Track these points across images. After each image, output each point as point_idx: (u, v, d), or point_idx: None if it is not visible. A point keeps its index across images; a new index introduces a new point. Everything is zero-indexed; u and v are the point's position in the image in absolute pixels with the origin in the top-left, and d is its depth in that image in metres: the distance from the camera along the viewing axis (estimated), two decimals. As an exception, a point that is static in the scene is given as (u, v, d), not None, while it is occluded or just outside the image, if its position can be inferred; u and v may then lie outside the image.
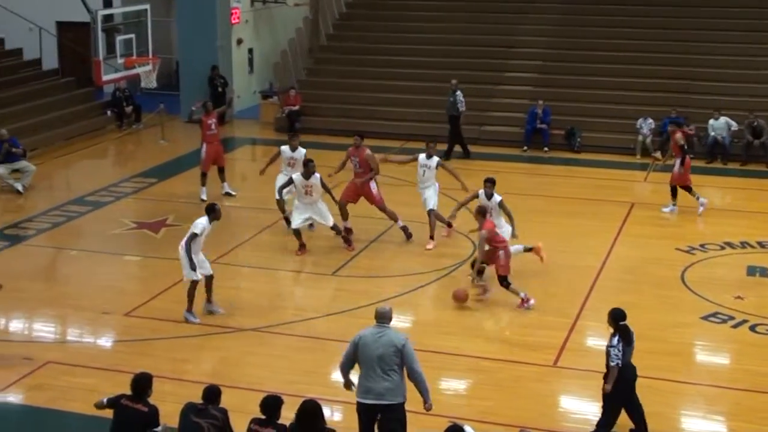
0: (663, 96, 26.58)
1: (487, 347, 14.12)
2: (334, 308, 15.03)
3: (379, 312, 10.38)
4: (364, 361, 10.19)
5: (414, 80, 28.05)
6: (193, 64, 28.95)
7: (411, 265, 17.18)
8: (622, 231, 19.20)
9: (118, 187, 22.18)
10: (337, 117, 27.84)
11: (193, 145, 25.10)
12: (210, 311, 14.97)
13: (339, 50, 30.71)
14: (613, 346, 10.79)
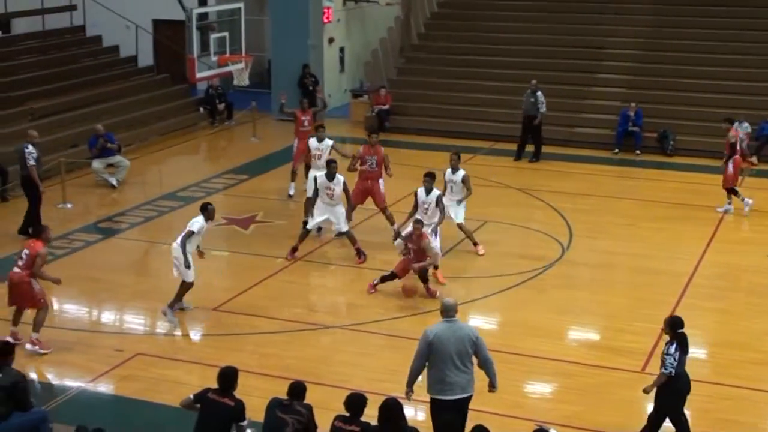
0: (760, 99, 26.00)
1: (573, 351, 14.00)
2: (421, 308, 15.02)
3: (447, 305, 10.34)
4: (443, 356, 10.15)
5: (505, 81, 27.88)
6: (285, 62, 29.20)
7: (497, 267, 17.08)
8: (714, 237, 18.84)
9: (209, 183, 22.49)
10: (426, 117, 27.82)
11: (284, 142, 25.35)
12: (181, 308, 14.81)
13: (430, 50, 30.67)
14: (670, 354, 10.62)
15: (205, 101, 28.99)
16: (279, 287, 16.23)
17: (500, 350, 13.62)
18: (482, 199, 20.38)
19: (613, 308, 15.31)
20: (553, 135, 25.81)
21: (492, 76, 28.64)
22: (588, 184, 21.64)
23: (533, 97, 24.57)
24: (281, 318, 14.99)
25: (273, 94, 29.62)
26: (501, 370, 12.74)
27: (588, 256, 17.79)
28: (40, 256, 13.53)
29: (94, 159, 22.19)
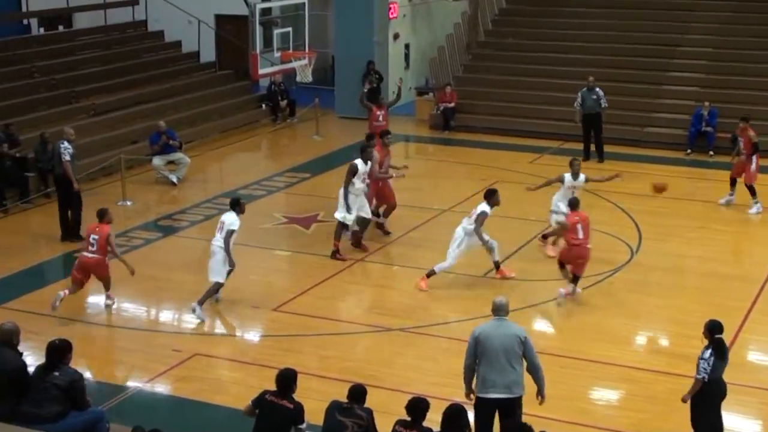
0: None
1: (641, 357, 13.86)
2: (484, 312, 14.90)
3: (497, 304, 10.44)
4: (487, 354, 10.17)
5: (574, 78, 27.57)
6: (349, 58, 29.27)
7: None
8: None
9: (270, 181, 22.61)
10: (492, 115, 27.69)
11: (347, 140, 25.45)
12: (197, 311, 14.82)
13: (497, 47, 30.54)
14: (704, 358, 10.45)
15: (268, 98, 29.17)
16: (340, 288, 16.27)
17: (566, 355, 13.56)
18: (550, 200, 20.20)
19: (683, 314, 15.10)
20: (624, 135, 25.57)
21: (560, 73, 28.41)
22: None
23: (594, 93, 24.34)
24: (342, 319, 15.05)
25: (337, 91, 29.75)
26: (567, 375, 12.76)
27: (658, 259, 17.58)
28: (111, 236, 14.67)
29: (155, 156, 22.43)
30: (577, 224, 15.37)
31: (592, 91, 24.39)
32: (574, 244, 15.35)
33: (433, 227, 19.20)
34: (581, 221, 15.44)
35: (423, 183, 21.32)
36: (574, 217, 15.56)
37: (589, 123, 24.46)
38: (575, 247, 15.36)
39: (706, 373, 10.43)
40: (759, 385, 12.88)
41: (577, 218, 15.49)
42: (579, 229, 15.33)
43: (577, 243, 15.34)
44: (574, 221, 15.47)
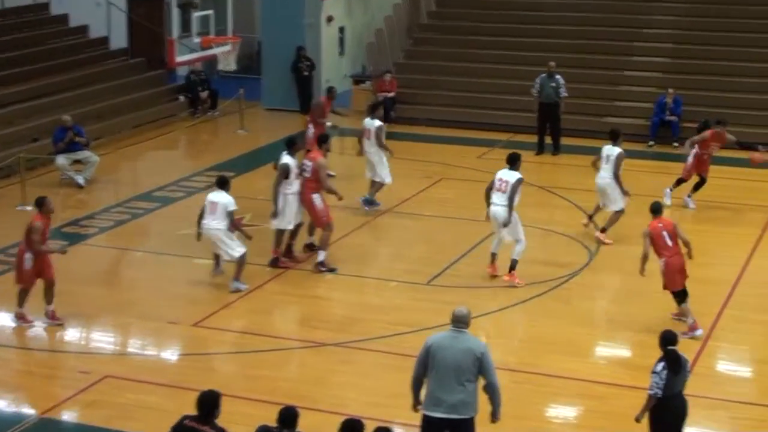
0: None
1: (602, 370, 14.00)
2: (429, 322, 14.99)
3: (457, 315, 10.41)
4: (437, 369, 10.21)
5: (527, 64, 27.78)
6: (277, 44, 29.21)
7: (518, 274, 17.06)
8: (762, 239, 18.82)
9: (190, 181, 22.50)
10: (436, 105, 27.81)
11: (275, 134, 25.38)
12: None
13: (441, 30, 30.66)
14: (656, 372, 10.59)
15: (186, 89, 29.03)
16: (269, 300, 16.25)
17: (520, 369, 13.67)
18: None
19: (647, 321, 15.23)
20: (581, 125, 25.81)
21: (512, 59, 28.61)
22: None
23: (553, 81, 24.54)
24: (271, 335, 15.01)
25: (264, 81, 29.68)
26: (521, 391, 12.86)
27: (619, 262, 17.75)
28: (35, 230, 14.78)
29: (59, 154, 22.18)
30: (661, 232, 14.67)
31: (552, 78, 24.59)
32: (668, 256, 14.59)
33: (372, 230, 19.21)
34: (666, 228, 14.75)
35: (360, 182, 21.32)
36: (656, 224, 14.84)
37: (545, 113, 24.65)
38: (671, 259, 14.61)
39: (659, 388, 10.53)
40: (729, 398, 13.07)
41: (660, 225, 14.82)
42: (666, 237, 14.65)
43: (671, 254, 14.62)
44: (657, 230, 14.73)
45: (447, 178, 22.43)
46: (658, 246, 14.66)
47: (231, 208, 16.10)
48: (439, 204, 20.59)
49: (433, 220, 19.65)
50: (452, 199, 21.12)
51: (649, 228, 14.70)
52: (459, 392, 10.19)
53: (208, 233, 16.20)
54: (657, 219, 14.86)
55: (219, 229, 16.05)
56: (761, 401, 12.96)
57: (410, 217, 20.01)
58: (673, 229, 14.72)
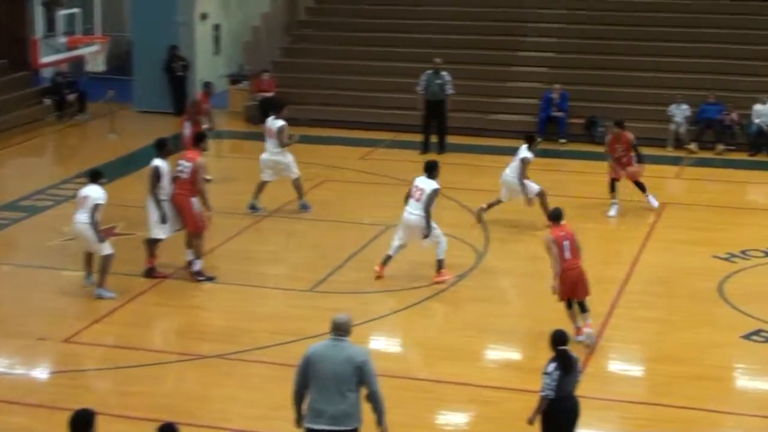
0: (700, 78, 26.65)
1: (493, 374, 14.19)
2: (313, 330, 15.00)
3: (336, 322, 10.39)
4: (317, 379, 10.22)
5: (411, 61, 27.97)
6: (149, 43, 28.96)
7: (403, 279, 17.18)
8: (651, 236, 19.25)
9: (58, 189, 22.20)
10: (317, 105, 27.85)
11: (147, 138, 25.08)
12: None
13: (320, 26, 30.71)
14: (548, 373, 10.76)
15: (52, 91, 28.61)
16: (145, 312, 16.10)
17: (408, 376, 13.77)
18: (384, 199, 20.48)
19: (536, 323, 15.44)
20: (466, 123, 26.07)
21: (395, 55, 28.79)
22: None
23: (439, 78, 24.76)
24: (148, 348, 14.88)
25: (135, 82, 29.39)
26: (409, 399, 12.95)
27: (508, 263, 18.02)
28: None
29: None
30: (563, 241, 14.42)
31: (438, 75, 24.80)
32: (564, 269, 14.35)
33: (252, 235, 19.16)
34: (567, 237, 14.51)
35: (239, 186, 21.27)
36: (559, 233, 14.58)
37: (431, 111, 24.84)
38: (567, 273, 14.38)
39: (551, 389, 10.71)
40: (620, 398, 13.35)
41: (562, 233, 14.56)
42: (566, 248, 14.39)
43: (568, 267, 14.38)
44: (560, 239, 14.45)
45: (329, 180, 22.48)
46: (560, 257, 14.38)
47: (98, 201, 16.05)
48: (322, 207, 20.62)
49: (316, 223, 19.67)
50: (335, 202, 21.17)
51: (553, 235, 14.47)
52: (341, 403, 10.20)
53: (74, 228, 16.17)
54: (558, 227, 14.64)
55: (86, 224, 15.95)
56: (653, 400, 13.25)
57: (292, 221, 20.01)
58: (573, 238, 14.53)
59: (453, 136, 25.15)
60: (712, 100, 25.45)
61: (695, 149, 25.05)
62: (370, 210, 19.75)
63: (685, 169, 23.98)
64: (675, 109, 25.49)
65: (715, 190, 22.55)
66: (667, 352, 14.64)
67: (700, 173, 23.76)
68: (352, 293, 16.65)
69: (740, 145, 25.11)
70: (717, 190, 22.53)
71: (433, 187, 16.58)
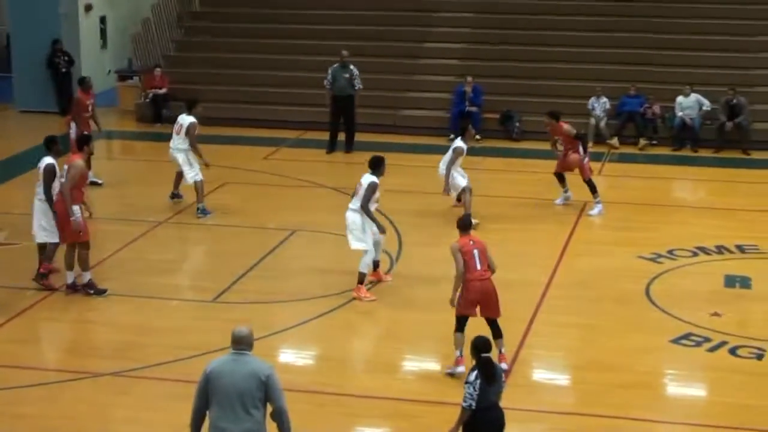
0: (620, 69, 27.08)
1: (409, 386, 14.19)
2: (217, 343, 14.92)
3: (236, 335, 10.28)
4: (219, 397, 10.13)
5: (314, 53, 28.04)
6: (29, 37, 28.62)
7: (311, 286, 17.18)
8: (572, 237, 19.47)
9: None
10: (215, 102, 27.67)
11: (31, 140, 24.80)
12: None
13: (216, 17, 30.61)
14: (469, 382, 10.84)
15: (-75, 91, 28.17)
16: (32, 327, 15.90)
17: (321, 390, 13.77)
18: (289, 202, 20.49)
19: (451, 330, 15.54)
20: (374, 120, 26.17)
21: (297, 48, 28.78)
22: (419, 180, 21.96)
23: (347, 71, 24.80)
24: (38, 367, 14.69)
25: (15, 78, 28.99)
26: (324, 415, 12.98)
27: (422, 268, 18.07)
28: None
29: None
30: (472, 250, 14.15)
31: (345, 69, 24.83)
32: (472, 279, 14.06)
33: (149, 243, 19.02)
34: (477, 246, 14.26)
35: (132, 190, 21.10)
36: (467, 241, 14.35)
37: (338, 107, 24.85)
38: (475, 283, 14.09)
39: (473, 399, 10.76)
40: (546, 408, 13.46)
41: (471, 243, 14.31)
42: (476, 258, 14.14)
43: (476, 277, 14.10)
44: (467, 247, 14.20)
45: (230, 183, 22.38)
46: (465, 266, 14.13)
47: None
48: (223, 211, 20.52)
49: (217, 229, 19.57)
50: (237, 206, 21.08)
51: (459, 243, 14.28)
52: (245, 421, 10.11)
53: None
54: (466, 236, 14.43)
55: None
56: (580, 410, 13.40)
57: (191, 227, 19.90)
58: (484, 248, 14.30)
59: (360, 133, 25.21)
60: (632, 92, 25.84)
61: (616, 144, 25.42)
62: (275, 214, 19.67)
63: (606, 165, 24.30)
64: (594, 102, 25.83)
65: (638, 186, 22.88)
66: (594, 358, 14.81)
67: (621, 169, 24.11)
68: (259, 303, 16.60)
69: (663, 139, 25.56)
70: (640, 186, 22.87)
71: (370, 180, 16.73)
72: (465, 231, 14.48)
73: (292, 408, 10.28)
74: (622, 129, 25.71)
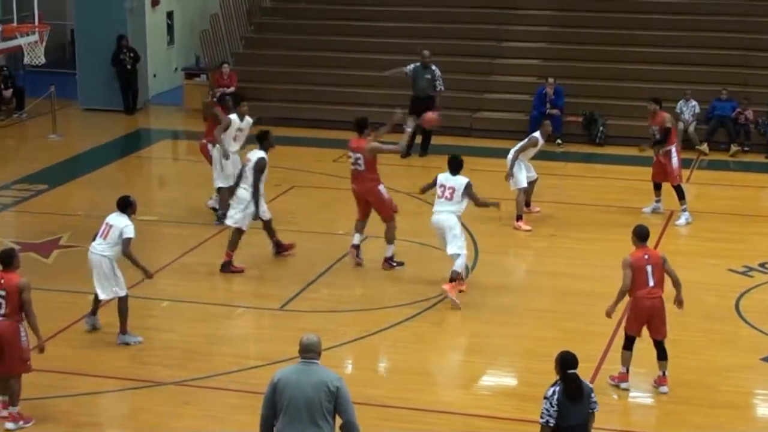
0: (712, 71, 26.81)
1: (483, 402, 14.17)
2: (283, 353, 15.00)
3: (305, 344, 10.33)
4: (287, 407, 10.16)
5: (388, 52, 28.04)
6: (94, 33, 28.89)
7: (383, 295, 17.20)
8: (658, 247, 19.26)
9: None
10: (284, 102, 27.85)
11: (95, 139, 25.14)
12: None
13: (287, 13, 30.73)
14: (547, 398, 10.72)
15: (-14, 87, 28.55)
16: (94, 332, 16.02)
17: (389, 404, 13.77)
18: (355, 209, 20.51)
19: (533, 344, 15.53)
20: (450, 122, 26.04)
21: (370, 46, 28.81)
22: (496, 185, 21.89)
23: (428, 72, 24.81)
24: (99, 374, 14.81)
25: (79, 75, 29.30)
26: (387, 429, 12.97)
27: (499, 277, 18.04)
28: (27, 289, 13.38)
29: None
30: (645, 266, 13.93)
31: (428, 69, 24.84)
32: (641, 296, 13.90)
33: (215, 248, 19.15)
34: (651, 262, 13.99)
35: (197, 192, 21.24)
36: (641, 255, 14.07)
37: (418, 108, 24.81)
38: (644, 301, 13.95)
39: (550, 416, 10.63)
40: (630, 428, 13.40)
41: (645, 257, 14.04)
42: (648, 273, 13.93)
43: (645, 295, 13.92)
44: (640, 263, 13.97)
45: (298, 186, 22.48)
46: (635, 281, 13.93)
47: (129, 235, 15.26)
48: (291, 216, 20.60)
49: (285, 234, 19.63)
50: (305, 210, 21.16)
51: (632, 258, 13.98)
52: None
53: (90, 258, 15.53)
54: (642, 248, 14.14)
55: (105, 257, 15.37)
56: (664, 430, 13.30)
57: (259, 231, 19.96)
58: (660, 262, 14.02)
59: (436, 136, 25.18)
60: (724, 95, 25.57)
61: (706, 150, 25.17)
62: (346, 219, 19.67)
63: (695, 172, 24.06)
64: (683, 106, 25.61)
65: (729, 195, 22.66)
66: (679, 376, 14.63)
67: (711, 177, 23.86)
68: (327, 312, 16.65)
69: (756, 146, 25.23)
70: (731, 195, 22.64)
71: (466, 182, 17.27)
72: (641, 242, 14.19)
73: (359, 422, 10.31)
74: (712, 134, 25.45)
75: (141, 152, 26.43)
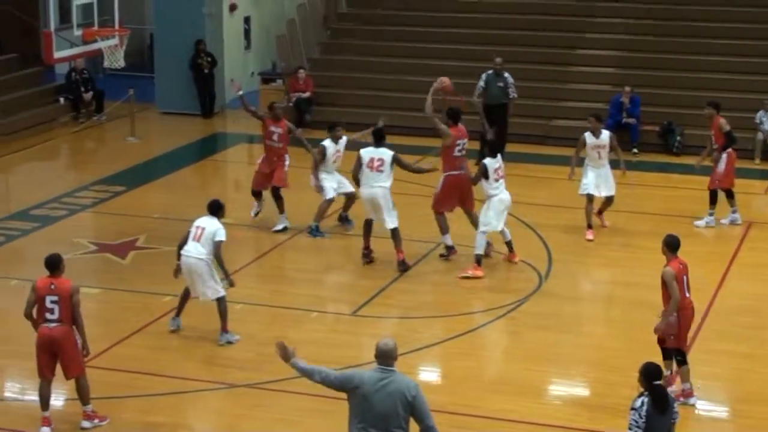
0: (791, 81, 26.51)
1: (556, 412, 14.08)
2: (354, 359, 15.00)
3: (382, 350, 10.21)
4: (364, 416, 10.08)
5: (464, 59, 27.99)
6: (173, 37, 29.07)
7: (458, 301, 17.14)
8: (736, 259, 19.09)
9: (73, 197, 22.31)
10: (360, 107, 27.82)
11: (171, 142, 25.29)
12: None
13: (363, 20, 30.75)
14: (635, 409, 10.53)
15: (67, 89, 28.79)
16: (167, 334, 16.11)
17: (459, 412, 13.72)
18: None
19: (606, 354, 15.42)
20: (525, 130, 26.01)
21: (446, 53, 28.74)
22: (571, 194, 21.74)
23: (501, 80, 24.71)
24: (171, 375, 14.90)
25: (157, 79, 29.52)
26: (461, 439, 12.88)
27: (573, 286, 17.94)
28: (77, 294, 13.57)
29: None
30: (683, 276, 13.85)
31: (500, 77, 24.74)
32: (684, 307, 13.83)
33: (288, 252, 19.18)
34: (686, 272, 13.94)
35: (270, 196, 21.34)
36: (678, 266, 13.95)
37: (491, 116, 24.76)
38: (688, 311, 13.93)
39: (639, 427, 10.53)
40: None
41: (681, 267, 13.94)
42: (685, 284, 13.87)
43: (687, 305, 13.91)
44: (681, 273, 13.86)
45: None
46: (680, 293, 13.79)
47: (220, 238, 15.41)
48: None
49: (358, 239, 19.63)
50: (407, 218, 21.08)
51: (674, 270, 13.80)
52: None
53: (187, 262, 15.52)
54: (677, 258, 14.03)
55: (200, 259, 15.45)
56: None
57: (333, 236, 20.02)
58: (688, 271, 14.06)
59: (510, 144, 25.04)
60: (809, 105, 25.30)
61: (786, 161, 24.90)
62: (421, 225, 19.62)
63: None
64: (762, 116, 25.29)
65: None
66: (755, 390, 14.48)
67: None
68: (400, 318, 16.66)
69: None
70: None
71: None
72: (674, 252, 14.07)
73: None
74: (791, 145, 25.17)
75: (217, 156, 26.56)
